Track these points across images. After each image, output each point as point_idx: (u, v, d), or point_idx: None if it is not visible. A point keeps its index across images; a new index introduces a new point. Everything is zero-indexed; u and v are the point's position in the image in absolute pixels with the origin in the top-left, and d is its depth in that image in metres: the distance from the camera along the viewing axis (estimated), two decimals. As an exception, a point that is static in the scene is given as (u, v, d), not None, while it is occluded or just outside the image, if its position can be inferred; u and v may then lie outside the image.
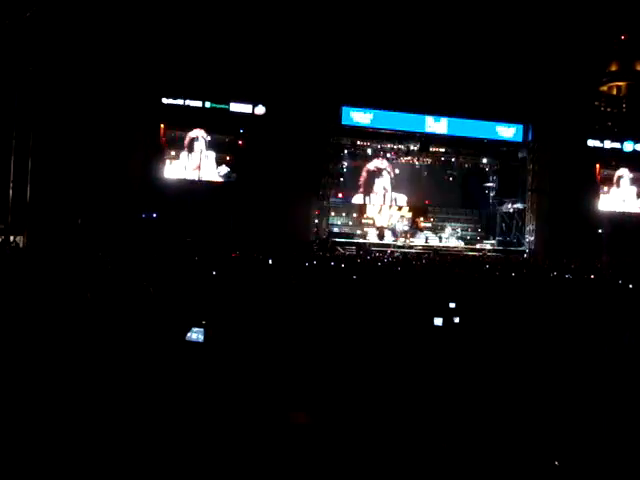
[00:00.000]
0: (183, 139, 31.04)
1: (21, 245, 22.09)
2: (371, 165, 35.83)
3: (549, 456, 3.39)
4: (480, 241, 35.61)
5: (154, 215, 30.07)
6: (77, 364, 4.17)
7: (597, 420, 3.73)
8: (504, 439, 3.58)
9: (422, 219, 35.69)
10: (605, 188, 37.16)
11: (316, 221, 32.04)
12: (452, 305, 6.90)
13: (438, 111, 32.45)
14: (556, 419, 3.79)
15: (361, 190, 36.06)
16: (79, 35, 25.45)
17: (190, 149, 31.15)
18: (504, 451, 3.48)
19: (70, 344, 4.60)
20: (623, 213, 37.05)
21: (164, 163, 30.73)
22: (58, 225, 24.36)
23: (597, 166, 36.81)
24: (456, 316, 6.58)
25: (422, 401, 4.05)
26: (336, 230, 33.69)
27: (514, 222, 35.52)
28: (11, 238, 21.97)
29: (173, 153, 30.94)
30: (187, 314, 5.31)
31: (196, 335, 4.60)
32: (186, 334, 4.60)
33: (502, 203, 36.50)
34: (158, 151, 30.50)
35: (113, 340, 4.72)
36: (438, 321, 5.96)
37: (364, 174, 35.97)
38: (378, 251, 29.27)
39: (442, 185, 36.72)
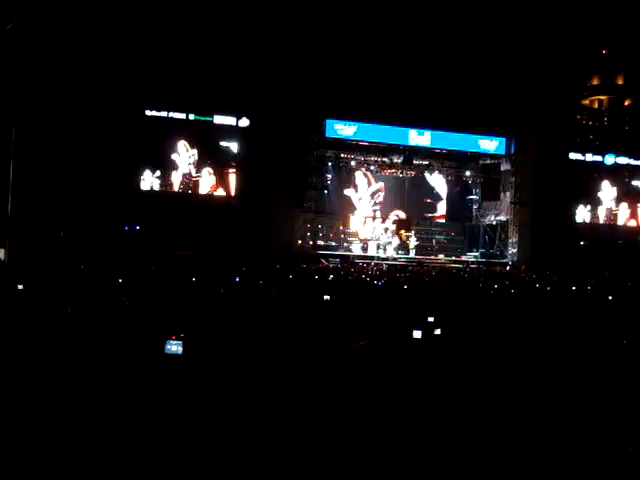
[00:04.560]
0: (167, 152, 30.92)
1: (2, 259, 21.84)
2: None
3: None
4: (463, 253, 35.75)
5: (137, 228, 29.97)
6: (57, 377, 4.15)
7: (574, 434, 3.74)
8: (484, 450, 3.58)
9: (405, 232, 35.66)
10: (587, 200, 37.52)
11: (300, 233, 32.05)
12: (431, 319, 6.86)
13: (422, 124, 32.62)
14: (538, 432, 3.79)
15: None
16: (60, 50, 25.40)
17: (174, 162, 31.07)
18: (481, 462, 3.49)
19: (50, 357, 4.58)
20: (604, 225, 37.43)
21: (148, 175, 30.59)
22: (40, 238, 24.15)
23: (579, 179, 37.14)
24: (437, 328, 6.55)
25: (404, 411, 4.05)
26: (320, 242, 33.61)
27: (497, 234, 35.67)
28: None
29: (155, 167, 30.79)
30: (166, 327, 5.29)
31: (175, 347, 4.57)
32: (164, 347, 4.57)
33: (485, 215, 36.64)
34: (142, 163, 30.38)
35: (92, 353, 4.69)
36: (417, 334, 5.95)
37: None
38: (363, 263, 29.25)
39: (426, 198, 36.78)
